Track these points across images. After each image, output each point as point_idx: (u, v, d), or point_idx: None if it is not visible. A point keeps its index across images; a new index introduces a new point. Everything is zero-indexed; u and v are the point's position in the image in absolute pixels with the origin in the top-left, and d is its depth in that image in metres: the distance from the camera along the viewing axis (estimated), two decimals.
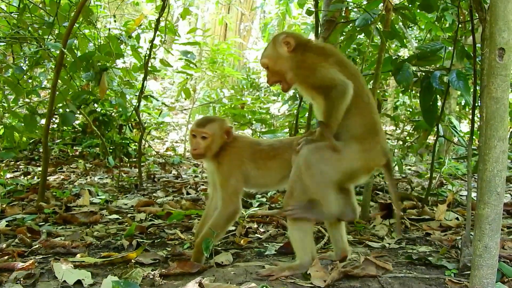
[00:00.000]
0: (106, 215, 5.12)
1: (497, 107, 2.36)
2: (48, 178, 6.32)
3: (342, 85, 3.11)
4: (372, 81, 5.11)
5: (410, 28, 10.02)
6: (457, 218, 4.84)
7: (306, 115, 6.36)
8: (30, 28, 6.12)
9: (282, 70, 3.37)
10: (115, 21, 7.47)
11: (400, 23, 6.33)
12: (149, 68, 6.93)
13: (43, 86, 7.80)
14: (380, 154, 3.24)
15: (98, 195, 6.07)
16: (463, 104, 10.87)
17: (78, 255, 3.63)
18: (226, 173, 3.47)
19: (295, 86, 3.45)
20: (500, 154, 2.36)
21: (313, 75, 3.22)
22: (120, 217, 5.06)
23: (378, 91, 5.57)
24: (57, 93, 5.69)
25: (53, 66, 6.30)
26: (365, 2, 5.73)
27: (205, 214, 3.73)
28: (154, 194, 6.40)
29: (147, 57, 6.82)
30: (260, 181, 3.52)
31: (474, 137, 4.31)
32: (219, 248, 3.84)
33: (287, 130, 9.32)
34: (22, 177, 7.27)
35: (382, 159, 3.26)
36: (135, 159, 9.07)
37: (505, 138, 2.36)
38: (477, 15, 3.75)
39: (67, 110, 5.99)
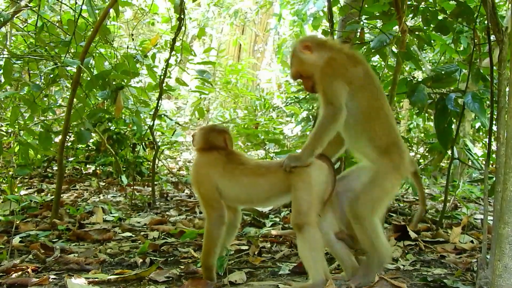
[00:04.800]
0: (119, 233, 5.13)
1: None
2: (61, 195, 6.34)
3: (337, 108, 3.17)
4: None
5: (424, 51, 10.03)
6: (471, 241, 4.79)
7: None
8: (47, 47, 6.18)
9: (312, 74, 3.40)
10: (133, 39, 7.53)
11: (415, 46, 6.35)
12: (164, 87, 6.97)
13: (58, 104, 7.87)
14: (409, 165, 3.31)
15: (111, 213, 6.08)
16: (477, 127, 10.85)
17: (92, 272, 3.64)
18: (195, 184, 3.55)
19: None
20: None
21: (332, 77, 3.25)
22: (133, 235, 5.06)
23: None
24: (73, 111, 5.73)
25: (69, 85, 6.36)
26: (380, 24, 5.74)
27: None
28: (167, 213, 6.40)
29: (162, 76, 6.87)
30: (241, 197, 3.50)
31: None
32: (233, 267, 3.82)
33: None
34: (36, 194, 7.30)
35: (411, 168, 3.35)
36: (148, 178, 9.08)
37: None
38: (494, 36, 3.76)
39: (83, 128, 6.02)
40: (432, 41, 6.33)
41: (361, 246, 3.35)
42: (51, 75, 6.32)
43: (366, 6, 5.52)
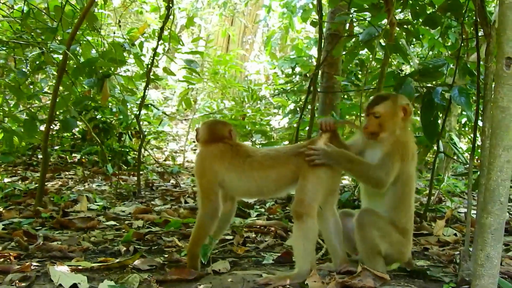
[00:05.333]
0: (103, 221, 5.10)
1: (503, 116, 2.36)
2: (46, 183, 6.30)
3: (384, 179, 3.29)
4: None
5: (412, 45, 10.06)
6: (455, 234, 4.82)
7: (307, 128, 6.34)
8: (33, 33, 6.12)
9: (387, 128, 3.43)
10: (119, 26, 7.47)
11: (403, 40, 6.36)
12: (151, 77, 6.93)
13: (44, 91, 7.80)
14: (409, 252, 3.50)
15: (95, 202, 6.04)
16: (463, 122, 10.90)
17: (75, 260, 3.62)
18: (197, 174, 3.54)
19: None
20: (505, 163, 2.36)
21: (398, 156, 3.33)
22: (118, 224, 5.04)
23: None
24: (59, 98, 5.68)
25: (55, 72, 6.30)
26: (369, 17, 5.74)
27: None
28: (152, 202, 6.38)
29: (149, 66, 6.83)
30: (252, 190, 3.52)
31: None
32: (217, 256, 3.82)
33: (287, 142, 9.31)
34: (20, 182, 7.25)
35: (409, 255, 3.51)
36: (134, 167, 9.05)
37: (510, 147, 2.35)
38: (482, 30, 3.76)
39: (69, 116, 5.98)
40: (420, 36, 6.34)
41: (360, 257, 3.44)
42: (37, 62, 6.26)
43: None
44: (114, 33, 7.44)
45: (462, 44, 5.21)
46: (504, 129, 2.36)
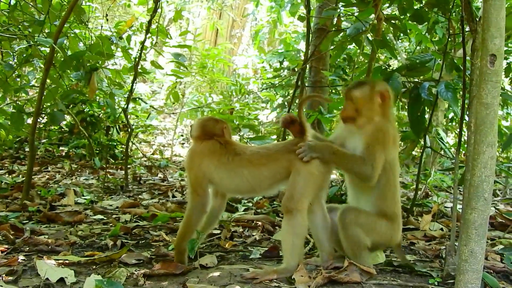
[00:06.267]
0: (90, 215, 5.10)
1: (487, 113, 2.38)
2: (33, 177, 6.28)
3: (372, 172, 3.28)
4: None
5: (400, 41, 10.09)
6: (441, 229, 4.86)
7: None
8: (20, 26, 6.08)
9: (363, 113, 3.44)
10: (107, 19, 7.44)
11: (390, 35, 6.37)
12: (139, 70, 6.91)
13: (31, 84, 7.77)
14: (400, 234, 3.51)
15: (83, 195, 6.04)
16: (450, 117, 10.96)
17: (62, 254, 3.61)
18: (187, 169, 3.58)
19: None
20: (489, 159, 2.38)
21: (380, 144, 3.33)
22: (105, 218, 5.04)
23: None
24: (46, 91, 5.66)
25: (42, 65, 6.27)
26: (356, 12, 5.75)
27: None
28: (139, 196, 6.37)
29: (137, 59, 6.81)
30: (243, 188, 3.52)
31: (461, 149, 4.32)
32: (204, 251, 3.83)
33: (274, 137, 9.32)
34: (6, 175, 7.21)
35: (399, 238, 3.52)
36: (121, 161, 9.03)
37: (494, 144, 2.38)
38: (468, 26, 3.78)
39: (56, 109, 5.95)
40: (408, 31, 6.35)
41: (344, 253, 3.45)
42: (24, 55, 6.22)
43: None
44: (102, 26, 7.39)
45: (449, 40, 5.23)
46: (488, 125, 2.39)
